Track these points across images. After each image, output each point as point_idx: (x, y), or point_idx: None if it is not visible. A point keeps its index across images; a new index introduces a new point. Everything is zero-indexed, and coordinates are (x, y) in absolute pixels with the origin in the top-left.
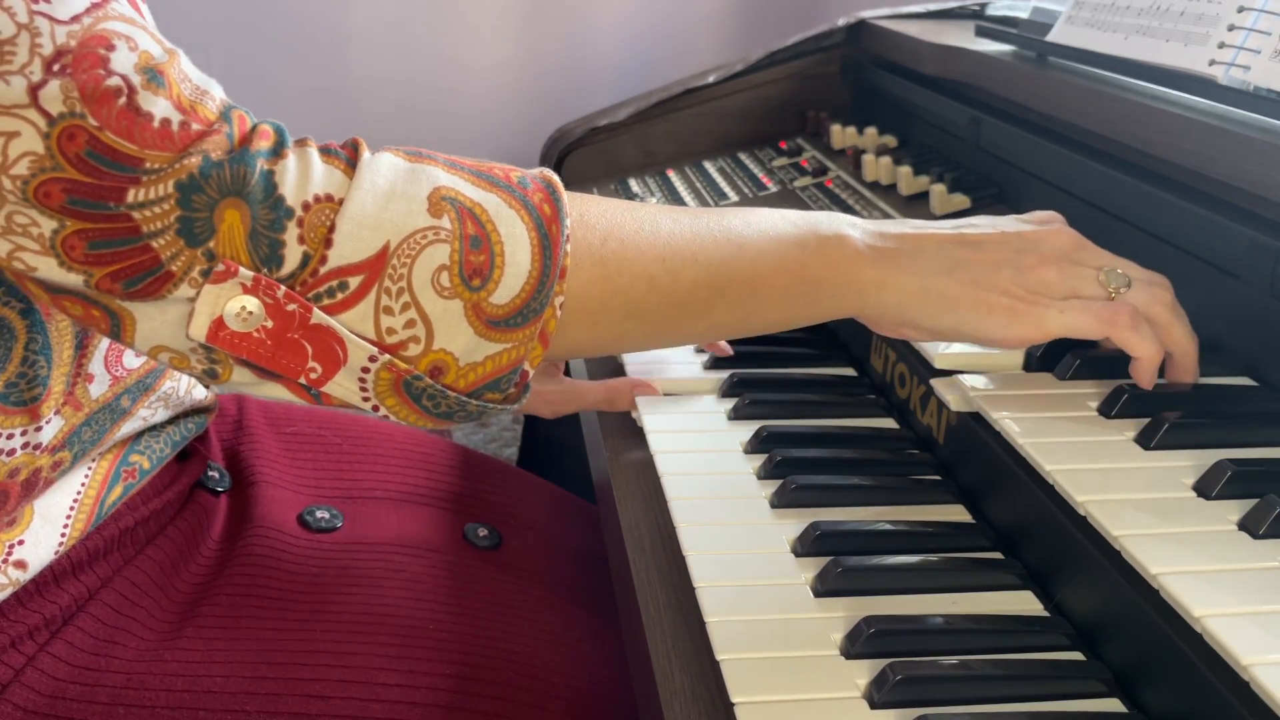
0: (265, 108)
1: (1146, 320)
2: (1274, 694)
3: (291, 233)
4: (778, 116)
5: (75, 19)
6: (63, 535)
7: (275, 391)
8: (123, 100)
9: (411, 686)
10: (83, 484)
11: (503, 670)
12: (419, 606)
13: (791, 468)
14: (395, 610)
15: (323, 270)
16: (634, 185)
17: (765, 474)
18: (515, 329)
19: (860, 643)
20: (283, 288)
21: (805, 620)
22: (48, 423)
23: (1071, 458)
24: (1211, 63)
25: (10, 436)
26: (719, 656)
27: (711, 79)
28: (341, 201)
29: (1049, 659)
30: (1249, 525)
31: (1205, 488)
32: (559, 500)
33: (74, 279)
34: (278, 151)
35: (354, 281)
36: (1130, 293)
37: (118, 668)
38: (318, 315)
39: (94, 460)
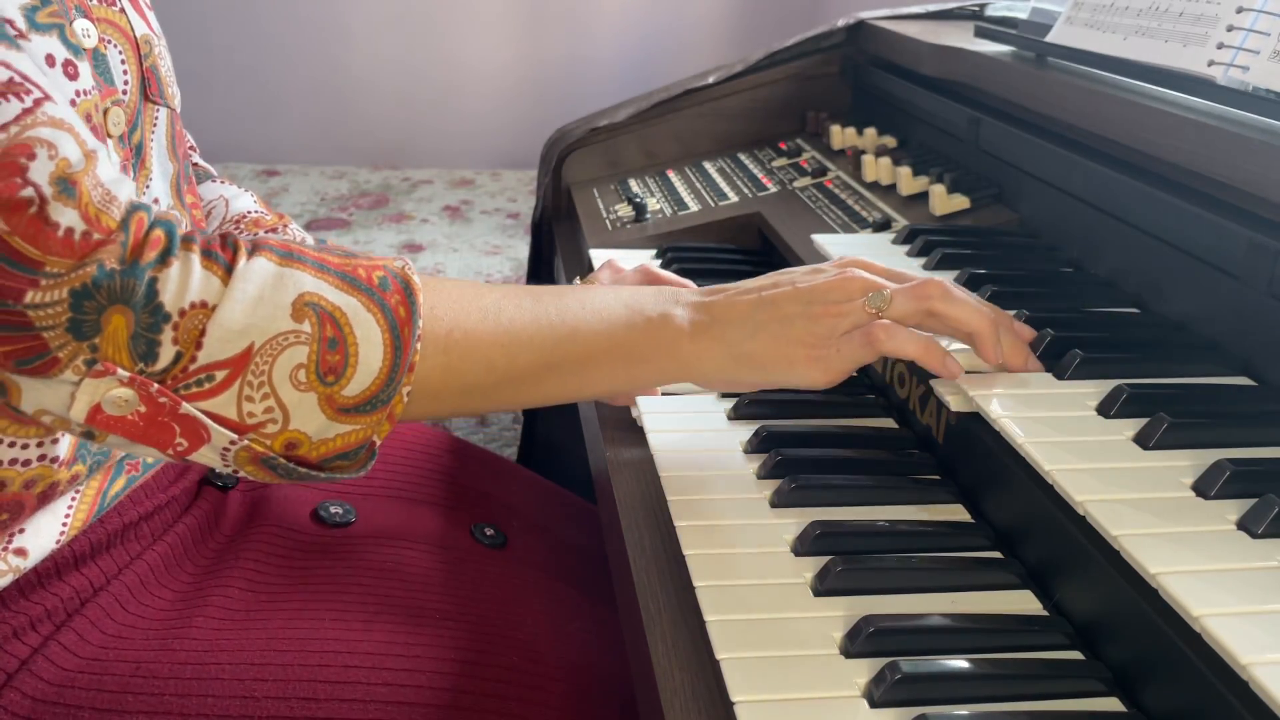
0: (265, 108)
1: (925, 316)
2: (1273, 694)
3: (167, 335)
4: (778, 117)
5: (3, 127)
6: (64, 525)
7: (146, 454)
8: (34, 210)
9: (417, 671)
10: (101, 449)
11: (505, 655)
12: (426, 597)
13: (791, 467)
14: (402, 600)
15: (192, 367)
16: (634, 185)
17: (765, 474)
18: (365, 415)
19: (860, 642)
20: (155, 384)
21: (805, 619)
22: (62, 435)
23: (1071, 457)
24: (1210, 63)
25: (26, 447)
26: (719, 656)
27: (711, 79)
28: (214, 308)
29: (1048, 658)
30: (1248, 525)
31: (1204, 487)
32: (561, 500)
33: None
34: (164, 259)
35: (220, 375)
36: (894, 306)
37: (127, 656)
38: (185, 407)
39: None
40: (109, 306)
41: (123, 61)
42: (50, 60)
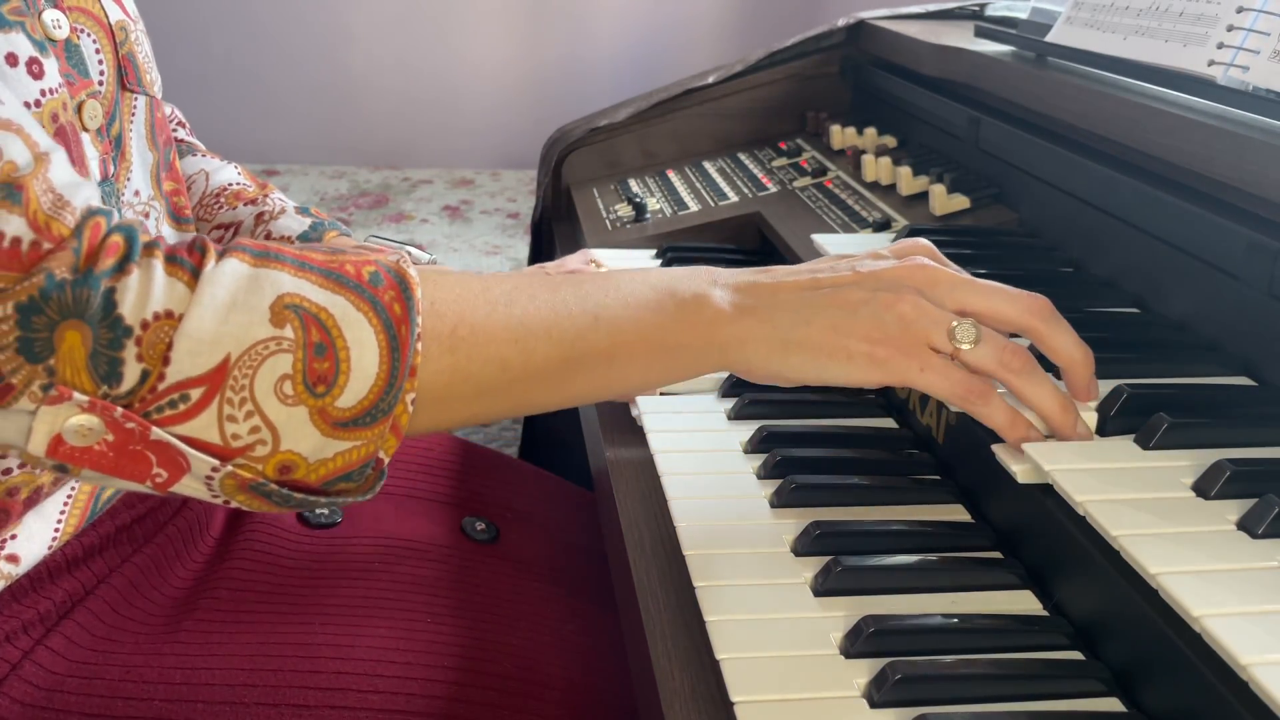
0: (265, 108)
1: (1004, 372)
2: (1273, 694)
3: (130, 351)
4: (777, 117)
5: None
6: (56, 530)
7: (126, 488)
8: None
9: (409, 678)
10: (76, 481)
11: (500, 663)
12: (417, 600)
13: (791, 467)
14: (394, 603)
15: (161, 386)
16: (634, 185)
17: (765, 474)
18: (365, 428)
19: (860, 642)
20: (119, 408)
21: (805, 620)
22: None
23: (1070, 457)
24: (1210, 63)
25: (5, 456)
26: (719, 656)
27: (711, 79)
28: (181, 317)
29: (1048, 658)
30: (1248, 525)
31: (1204, 487)
32: (557, 490)
33: None
34: (122, 267)
35: (195, 393)
36: (974, 351)
37: (116, 661)
38: (156, 433)
39: None
40: (61, 321)
41: (97, 51)
42: (12, 59)
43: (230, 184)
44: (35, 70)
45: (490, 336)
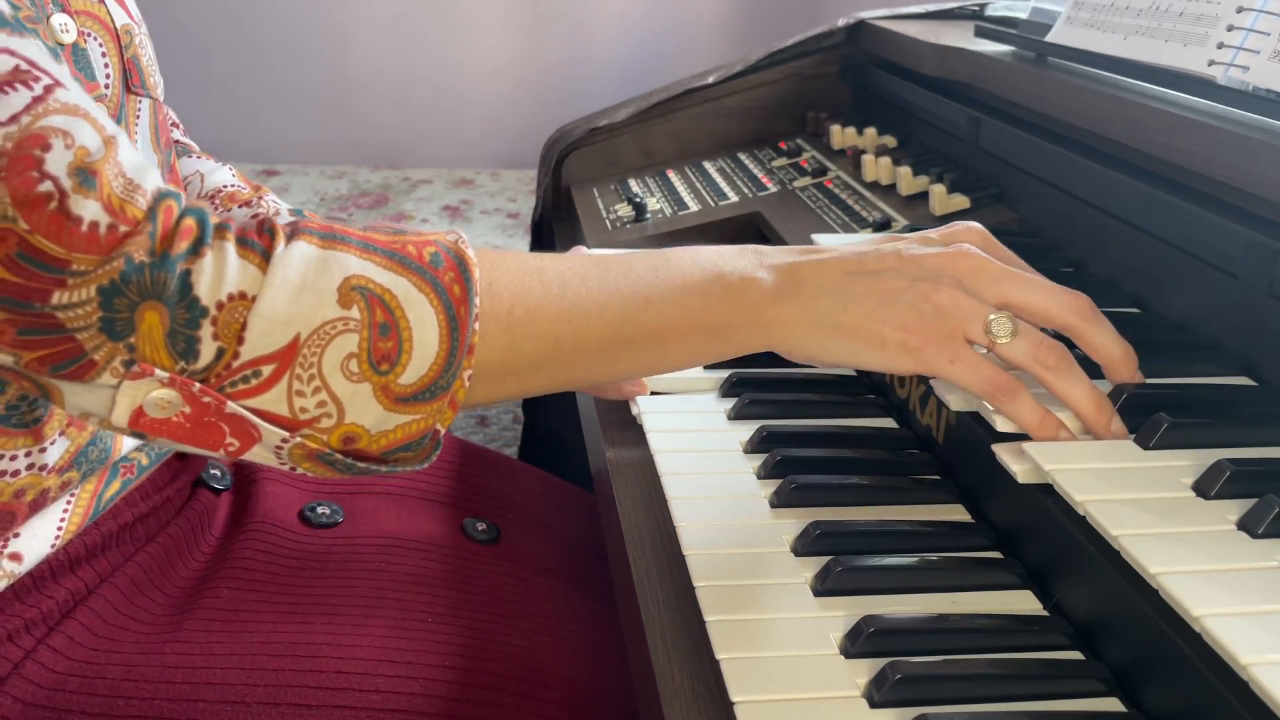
0: (265, 108)
1: (1039, 368)
2: (1273, 694)
3: (206, 330)
4: (778, 116)
5: (14, 118)
6: (59, 529)
7: (199, 453)
8: (54, 205)
9: (410, 678)
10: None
11: (501, 662)
12: (418, 599)
13: (791, 467)
14: (395, 603)
15: (235, 364)
16: (634, 185)
17: (765, 474)
18: (424, 403)
19: (860, 642)
20: (197, 384)
21: (805, 619)
22: (52, 444)
23: (1070, 457)
24: (1210, 63)
25: (14, 458)
26: (719, 656)
27: (711, 79)
28: (254, 299)
29: (1048, 658)
30: (1248, 525)
31: (1204, 487)
32: (557, 491)
33: (5, 358)
34: (197, 250)
35: (267, 370)
36: (1010, 345)
37: (117, 661)
38: (231, 406)
39: None
40: (141, 302)
41: (104, 54)
42: None
43: (225, 186)
44: None
45: (544, 316)
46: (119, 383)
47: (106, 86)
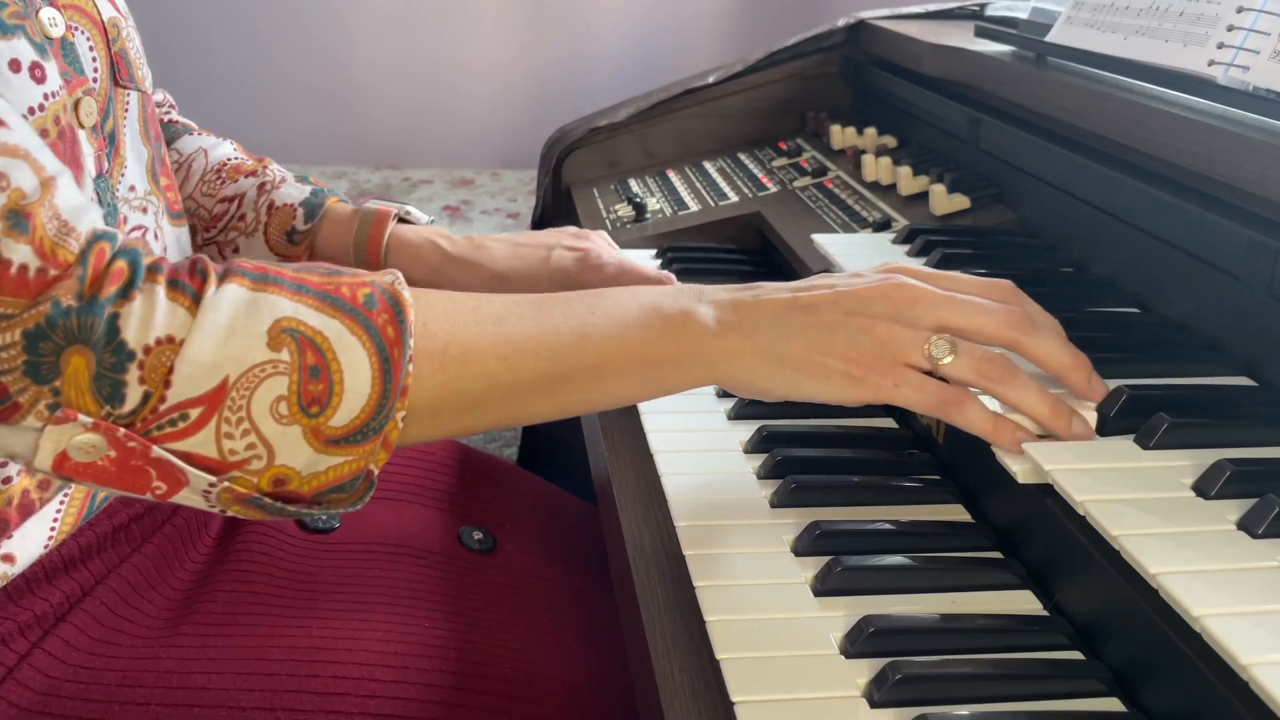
0: (265, 108)
1: (984, 382)
2: (1274, 694)
3: (133, 374)
4: (778, 116)
5: None
6: (52, 530)
7: (128, 495)
8: None
9: (407, 683)
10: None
11: (498, 669)
12: (414, 604)
13: (791, 467)
14: (391, 608)
15: (162, 408)
16: (634, 185)
17: (765, 473)
18: (356, 445)
19: (860, 642)
20: (122, 429)
21: (805, 619)
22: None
23: (1071, 457)
24: (1210, 63)
25: (5, 464)
26: (719, 656)
27: (711, 79)
28: (182, 342)
29: (1048, 658)
30: (1248, 525)
31: (1204, 487)
32: (555, 500)
33: None
34: (126, 293)
35: (194, 413)
36: (952, 365)
37: (113, 665)
38: (157, 450)
39: None
40: (67, 347)
41: (91, 48)
42: (15, 65)
43: (229, 159)
44: (38, 75)
45: (480, 354)
46: (43, 426)
47: (94, 80)
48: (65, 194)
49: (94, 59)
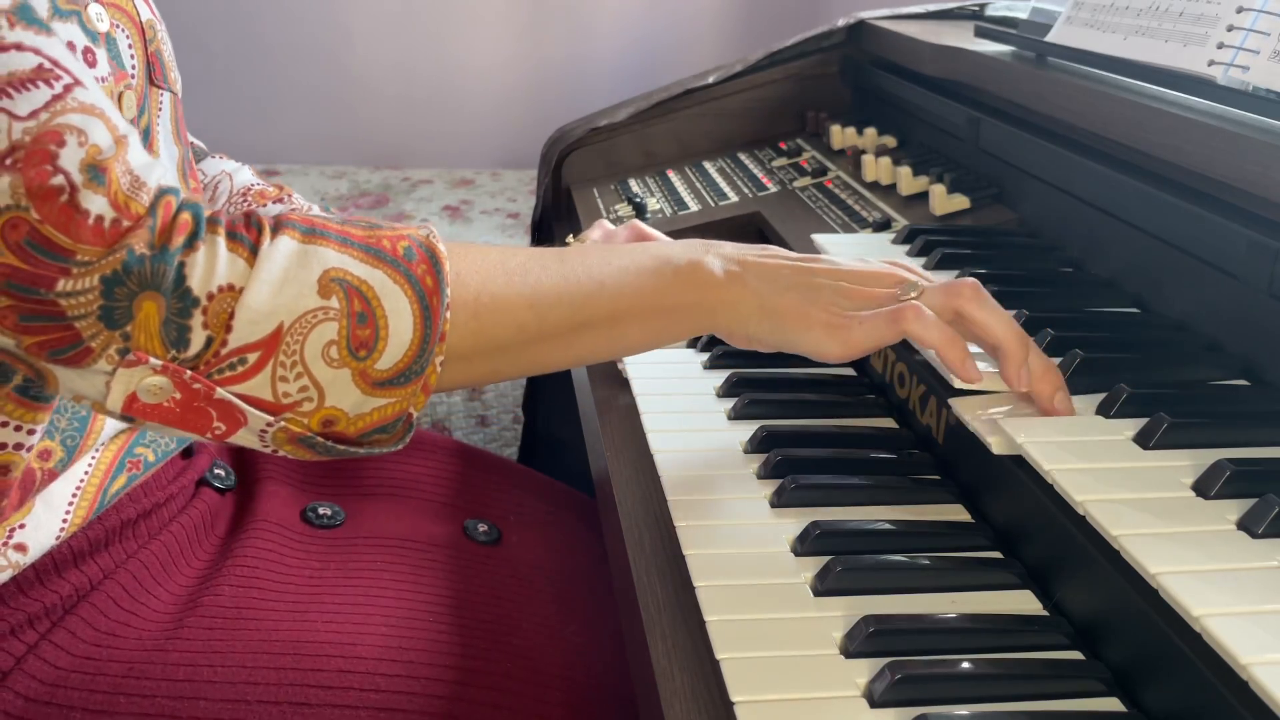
0: (265, 108)
1: (955, 315)
2: (1273, 694)
3: (198, 319)
4: (778, 117)
5: (33, 114)
6: (64, 521)
7: (185, 438)
8: (64, 197)
9: (411, 677)
10: (86, 472)
11: (501, 661)
12: (418, 599)
13: (791, 467)
14: (395, 602)
15: (224, 351)
16: (634, 185)
17: (765, 474)
18: (400, 387)
19: (860, 642)
20: (188, 371)
21: (805, 619)
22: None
23: (1070, 457)
24: (1210, 63)
25: (20, 429)
26: (719, 656)
27: (711, 79)
28: (241, 290)
29: (1048, 658)
30: (1248, 525)
31: (1204, 487)
32: (558, 494)
33: (6, 341)
34: (191, 244)
35: (252, 357)
36: (925, 295)
37: (120, 657)
38: (220, 392)
39: (97, 450)
40: (140, 292)
41: (130, 46)
42: (71, 47)
43: (253, 185)
44: (90, 59)
45: (509, 303)
46: (114, 369)
47: (133, 76)
48: (135, 151)
49: (132, 56)
